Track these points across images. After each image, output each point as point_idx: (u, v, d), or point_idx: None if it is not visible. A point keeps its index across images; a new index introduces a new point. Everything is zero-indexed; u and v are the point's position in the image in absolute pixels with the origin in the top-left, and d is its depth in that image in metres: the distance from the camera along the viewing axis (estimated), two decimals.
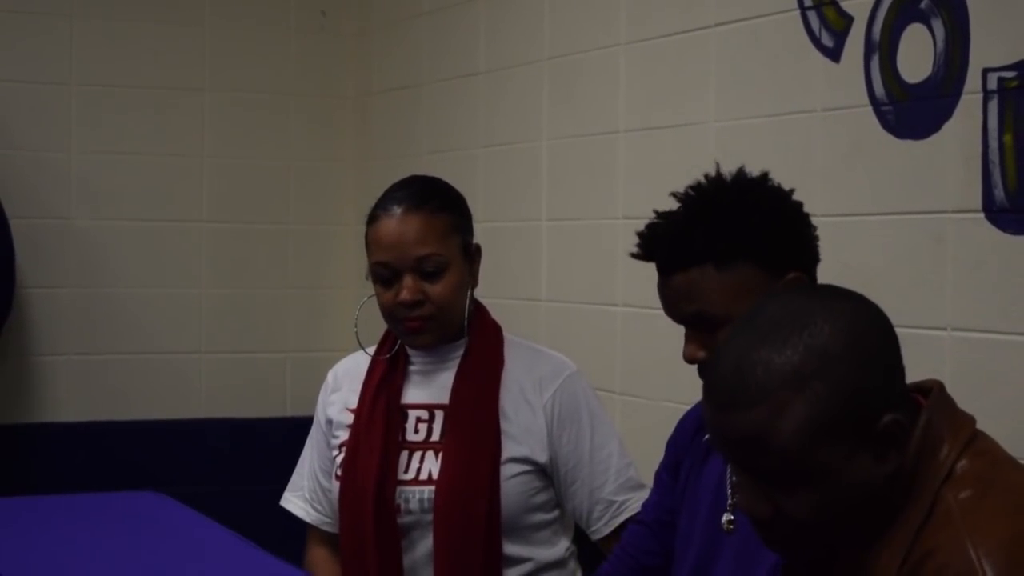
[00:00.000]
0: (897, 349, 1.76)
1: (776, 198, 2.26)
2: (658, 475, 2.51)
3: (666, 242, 2.23)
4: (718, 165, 2.30)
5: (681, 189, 2.29)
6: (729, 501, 2.28)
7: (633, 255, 2.28)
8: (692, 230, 2.20)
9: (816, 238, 2.28)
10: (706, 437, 2.37)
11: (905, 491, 1.70)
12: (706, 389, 1.75)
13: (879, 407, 1.69)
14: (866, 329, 1.73)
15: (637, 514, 2.60)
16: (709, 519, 2.32)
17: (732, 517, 2.27)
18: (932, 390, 1.77)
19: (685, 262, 2.20)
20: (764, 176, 2.26)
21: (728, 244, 2.18)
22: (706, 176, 2.27)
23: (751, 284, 2.18)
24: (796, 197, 2.29)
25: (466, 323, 2.85)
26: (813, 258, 2.27)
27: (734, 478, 2.22)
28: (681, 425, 2.50)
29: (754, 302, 2.11)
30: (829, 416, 1.67)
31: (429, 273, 2.79)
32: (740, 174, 2.26)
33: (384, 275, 2.81)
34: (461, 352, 2.87)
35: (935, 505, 1.68)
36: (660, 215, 2.27)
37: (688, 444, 2.43)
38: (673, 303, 2.23)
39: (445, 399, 2.85)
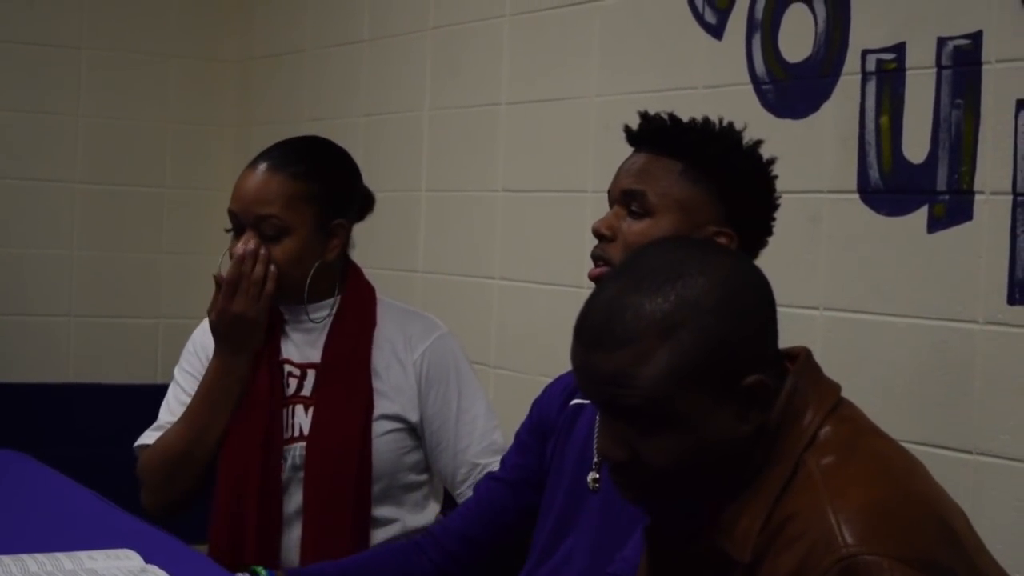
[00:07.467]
0: (772, 311, 1.77)
1: (767, 176, 2.27)
2: (518, 435, 2.51)
3: (665, 123, 2.27)
4: (744, 125, 2.32)
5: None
6: (595, 459, 2.29)
7: (626, 127, 2.30)
8: (692, 131, 2.25)
9: (771, 232, 2.28)
10: (573, 402, 2.37)
11: (767, 454, 1.71)
12: (577, 328, 1.76)
13: (745, 365, 1.70)
14: (741, 286, 1.74)
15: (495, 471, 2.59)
16: (574, 479, 2.33)
17: (597, 475, 2.28)
18: (799, 356, 1.78)
19: (665, 147, 2.23)
20: (772, 160, 2.29)
21: (711, 164, 2.21)
22: (731, 122, 2.30)
23: (693, 207, 2.20)
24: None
25: (338, 284, 2.85)
26: (758, 240, 2.27)
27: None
28: (550, 389, 2.50)
29: (680, 216, 2.19)
30: (692, 365, 1.68)
31: (268, 235, 2.77)
32: (757, 143, 2.28)
33: (233, 224, 2.81)
34: (334, 311, 2.85)
35: (797, 470, 1.69)
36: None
37: (557, 412, 2.43)
38: (625, 176, 2.25)
39: (317, 358, 2.83)
